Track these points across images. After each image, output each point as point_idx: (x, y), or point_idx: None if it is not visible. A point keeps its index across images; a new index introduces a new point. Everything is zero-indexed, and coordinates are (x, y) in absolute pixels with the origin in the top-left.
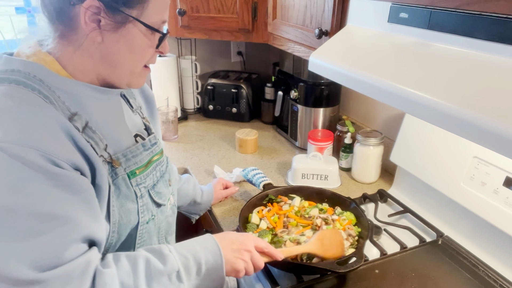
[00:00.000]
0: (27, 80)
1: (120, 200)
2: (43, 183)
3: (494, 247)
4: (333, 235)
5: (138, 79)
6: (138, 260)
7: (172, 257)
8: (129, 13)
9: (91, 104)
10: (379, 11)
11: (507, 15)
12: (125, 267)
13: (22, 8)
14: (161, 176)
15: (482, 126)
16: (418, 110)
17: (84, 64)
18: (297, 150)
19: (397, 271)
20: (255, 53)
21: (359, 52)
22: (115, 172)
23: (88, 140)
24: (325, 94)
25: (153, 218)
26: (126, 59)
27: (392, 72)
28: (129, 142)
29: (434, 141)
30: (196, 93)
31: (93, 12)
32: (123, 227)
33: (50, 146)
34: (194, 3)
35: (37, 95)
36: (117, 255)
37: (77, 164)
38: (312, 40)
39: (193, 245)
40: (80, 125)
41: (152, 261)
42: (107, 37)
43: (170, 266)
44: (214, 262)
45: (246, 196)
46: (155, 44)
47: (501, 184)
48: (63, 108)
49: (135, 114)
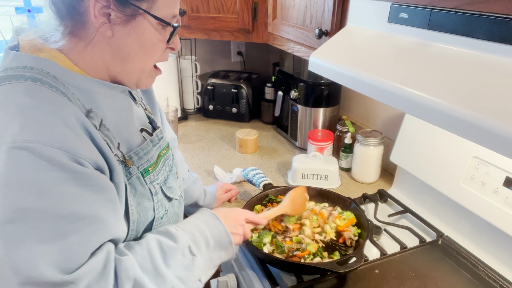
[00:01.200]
0: (43, 77)
1: (136, 198)
2: (70, 183)
3: (494, 247)
4: (301, 194)
5: (148, 79)
6: (150, 243)
7: (180, 234)
8: (139, 5)
9: (103, 101)
10: (379, 11)
11: (507, 15)
12: (139, 251)
13: (22, 8)
14: (169, 170)
15: (482, 126)
16: (418, 110)
17: (95, 60)
18: (297, 150)
19: (397, 271)
20: (255, 53)
21: (359, 52)
22: (129, 171)
23: (105, 138)
24: (325, 94)
25: (166, 213)
26: (137, 54)
27: (392, 72)
28: (139, 139)
29: (434, 141)
30: (196, 93)
31: (102, 5)
32: (141, 225)
33: (74, 145)
34: (194, 3)
35: (55, 92)
36: (128, 244)
37: (98, 163)
38: (312, 40)
39: (194, 222)
40: (97, 123)
41: (163, 241)
42: (117, 31)
43: (181, 242)
44: (218, 232)
45: (246, 196)
46: (166, 38)
47: (501, 184)
48: (79, 105)
49: (138, 106)
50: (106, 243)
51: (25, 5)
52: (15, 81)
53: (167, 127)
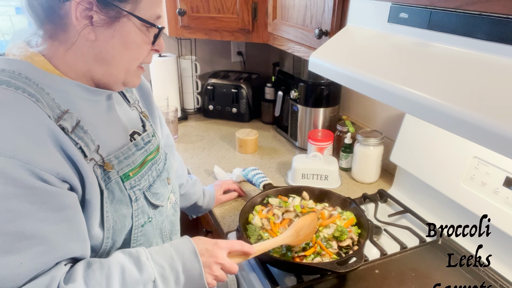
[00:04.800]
0: (11, 79)
1: (114, 205)
2: (19, 199)
3: (494, 247)
4: (310, 223)
5: (133, 78)
6: (112, 269)
7: (149, 265)
8: (122, 7)
9: (82, 103)
10: (379, 11)
11: (507, 15)
12: (98, 277)
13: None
14: (158, 175)
15: (482, 126)
16: (418, 110)
17: (77, 64)
18: (297, 150)
19: (397, 271)
20: (255, 53)
21: (359, 52)
22: (108, 176)
23: (78, 141)
24: (325, 94)
25: (150, 221)
26: (121, 56)
27: (392, 72)
28: (122, 142)
29: (434, 141)
30: (196, 93)
31: (84, 7)
32: (117, 233)
33: (34, 156)
34: (194, 3)
35: (21, 93)
36: (89, 264)
37: (64, 175)
38: (312, 40)
39: (169, 253)
40: (70, 125)
41: (127, 269)
42: (101, 34)
43: (147, 274)
44: (192, 269)
45: (246, 196)
46: (150, 40)
47: (501, 184)
48: (52, 106)
49: (133, 109)
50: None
51: None
52: None
53: (167, 133)
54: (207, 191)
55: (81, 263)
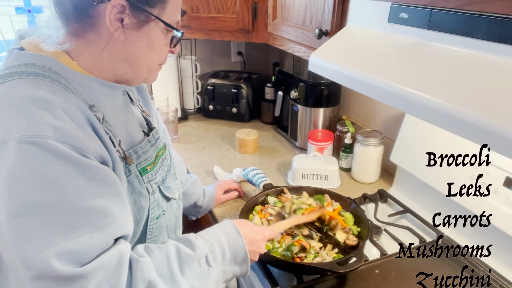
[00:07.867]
0: (45, 72)
1: (133, 197)
2: (78, 177)
3: (494, 247)
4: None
5: (154, 75)
6: (169, 247)
7: (200, 243)
8: (151, 11)
9: (103, 99)
10: (379, 11)
11: (507, 15)
12: (158, 254)
13: (22, 8)
14: (168, 170)
15: (482, 126)
16: (418, 110)
17: (104, 62)
18: (297, 150)
19: (397, 271)
20: (255, 53)
21: (359, 52)
22: (129, 169)
23: (108, 132)
24: (325, 94)
25: (164, 213)
26: (145, 57)
27: (392, 72)
28: (138, 138)
29: (434, 141)
30: (196, 93)
31: (118, 10)
32: (136, 224)
33: (80, 139)
34: (194, 3)
35: (58, 85)
36: (147, 246)
37: (103, 157)
38: (312, 40)
39: (214, 231)
40: (100, 116)
41: (182, 248)
42: (129, 36)
43: (199, 251)
44: (235, 245)
45: (246, 196)
46: (168, 43)
47: (501, 184)
48: (82, 99)
49: (136, 107)
50: (119, 240)
51: (25, 5)
52: (18, 77)
53: (164, 132)
54: (207, 191)
55: (140, 245)
